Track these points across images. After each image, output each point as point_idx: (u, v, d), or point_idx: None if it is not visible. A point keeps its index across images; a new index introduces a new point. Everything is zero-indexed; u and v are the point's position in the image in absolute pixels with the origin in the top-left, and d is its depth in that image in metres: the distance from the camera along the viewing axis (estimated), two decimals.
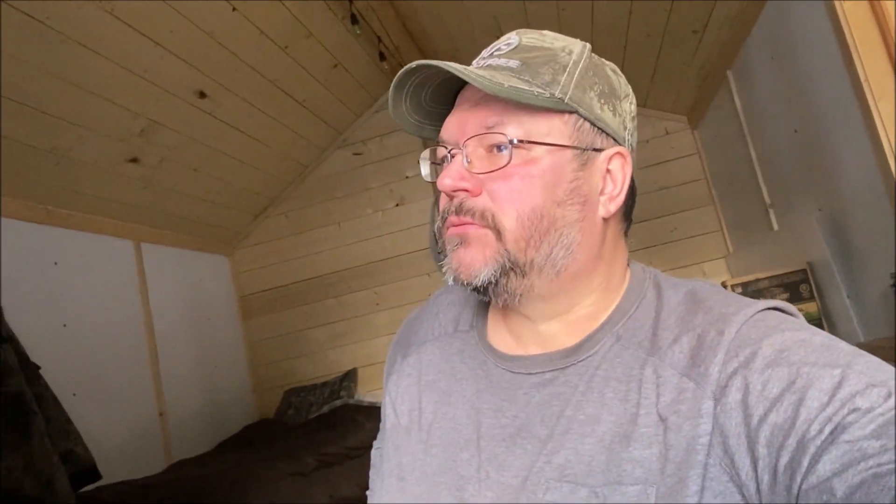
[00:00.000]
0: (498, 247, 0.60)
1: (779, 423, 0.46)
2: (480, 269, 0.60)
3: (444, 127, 0.65)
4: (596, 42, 0.67)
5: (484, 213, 0.60)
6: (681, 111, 3.50)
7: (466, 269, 0.60)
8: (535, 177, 0.59)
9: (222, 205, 3.56)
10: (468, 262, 0.60)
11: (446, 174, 0.61)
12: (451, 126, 0.63)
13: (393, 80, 0.62)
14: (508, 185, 0.59)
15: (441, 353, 0.73)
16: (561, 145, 0.61)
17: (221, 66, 2.61)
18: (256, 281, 4.00)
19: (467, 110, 0.62)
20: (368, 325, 3.83)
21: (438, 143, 0.66)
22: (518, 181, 0.59)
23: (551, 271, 0.61)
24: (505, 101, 0.59)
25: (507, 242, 0.59)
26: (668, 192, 3.51)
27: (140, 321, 3.02)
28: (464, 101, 0.64)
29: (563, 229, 0.60)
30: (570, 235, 0.61)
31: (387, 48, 3.16)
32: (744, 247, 3.15)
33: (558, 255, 0.60)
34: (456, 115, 0.64)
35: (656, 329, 0.59)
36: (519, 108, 0.60)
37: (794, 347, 0.50)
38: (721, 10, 2.36)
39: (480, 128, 0.61)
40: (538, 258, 0.60)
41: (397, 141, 3.87)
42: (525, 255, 0.60)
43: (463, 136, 0.62)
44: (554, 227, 0.60)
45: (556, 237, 0.60)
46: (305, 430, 3.14)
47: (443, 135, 0.65)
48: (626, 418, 0.55)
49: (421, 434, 0.68)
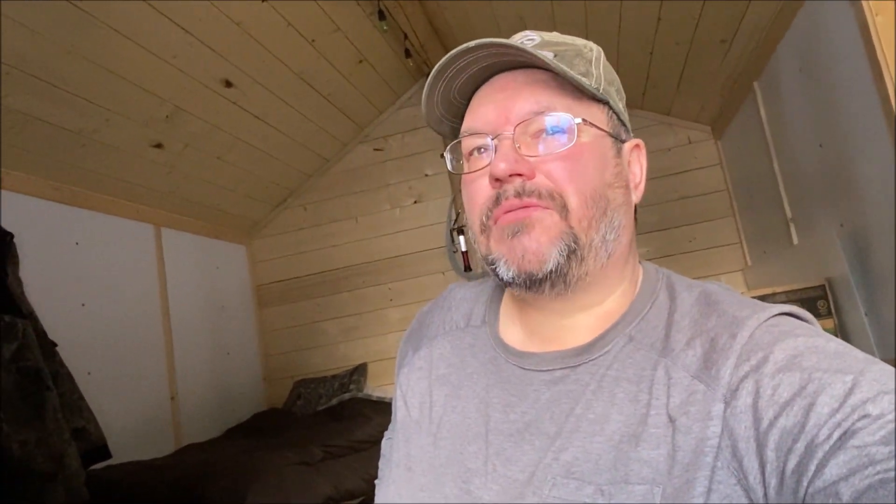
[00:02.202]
0: (563, 226, 0.59)
1: (788, 427, 0.46)
2: (548, 252, 0.58)
3: (475, 116, 0.64)
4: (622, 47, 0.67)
5: (551, 192, 0.59)
6: (705, 121, 3.47)
7: (534, 256, 0.58)
8: (590, 158, 0.61)
9: (243, 194, 3.59)
10: (535, 249, 0.58)
11: (501, 159, 0.59)
12: (489, 114, 0.62)
13: (441, 60, 0.61)
14: (568, 166, 0.59)
15: (452, 347, 0.74)
16: (607, 132, 0.63)
17: (248, 57, 2.64)
18: (272, 271, 4.03)
19: (508, 98, 0.61)
20: (381, 321, 3.84)
21: (465, 134, 0.64)
22: (575, 162, 0.60)
23: (603, 255, 0.61)
24: (551, 87, 0.61)
25: (572, 220, 0.59)
26: (689, 202, 3.49)
27: (157, 305, 3.06)
28: (497, 91, 0.63)
29: (614, 212, 0.62)
30: (618, 218, 0.62)
31: (412, 45, 3.17)
32: (762, 260, 3.12)
33: (610, 238, 0.61)
34: (491, 103, 0.62)
35: (669, 331, 0.59)
36: (565, 94, 0.61)
37: (807, 353, 0.50)
38: (751, 21, 2.34)
39: (530, 113, 0.60)
40: (596, 239, 0.60)
41: (419, 138, 3.88)
42: (587, 235, 0.59)
43: (506, 123, 0.60)
44: (609, 207, 0.61)
45: (609, 218, 0.61)
46: (313, 421, 3.16)
47: (476, 124, 0.63)
48: (636, 418, 0.55)
49: (431, 427, 0.68)
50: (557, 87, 0.61)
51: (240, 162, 3.27)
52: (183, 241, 3.35)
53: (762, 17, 2.29)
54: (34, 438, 1.76)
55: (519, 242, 0.59)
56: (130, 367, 2.79)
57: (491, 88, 0.64)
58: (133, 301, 2.90)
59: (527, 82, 0.62)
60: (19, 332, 1.92)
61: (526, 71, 0.63)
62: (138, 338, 2.89)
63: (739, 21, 2.37)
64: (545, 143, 0.60)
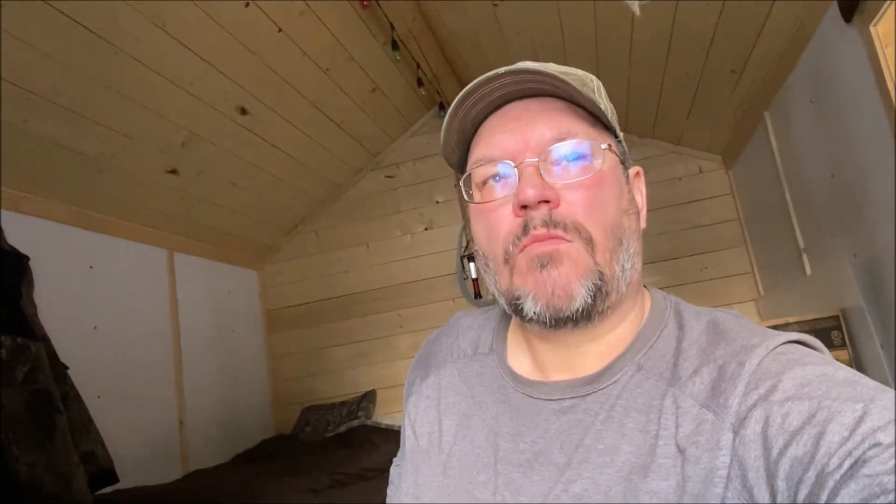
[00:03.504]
0: (589, 262, 0.57)
1: (798, 456, 0.45)
2: (577, 290, 0.57)
3: (491, 145, 0.62)
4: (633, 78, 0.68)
5: (576, 224, 0.58)
6: (716, 150, 3.48)
7: (563, 291, 0.57)
8: (609, 186, 0.61)
9: (255, 219, 3.63)
10: (564, 284, 0.57)
11: (528, 185, 0.57)
12: (507, 142, 0.61)
13: (468, 86, 0.60)
14: (591, 195, 0.59)
15: (460, 375, 0.73)
16: (621, 159, 0.64)
17: (264, 85, 2.68)
18: (283, 296, 4.04)
19: (525, 125, 0.61)
20: (390, 347, 3.83)
21: (481, 163, 0.62)
22: (598, 190, 0.59)
23: (623, 285, 0.60)
24: (567, 115, 0.61)
25: (597, 255, 0.58)
26: (700, 231, 3.48)
27: (167, 329, 3.07)
28: (511, 120, 0.62)
29: (629, 239, 0.61)
30: (633, 245, 0.62)
31: (425, 75, 3.22)
32: (775, 290, 3.10)
33: (627, 266, 0.61)
34: (508, 131, 0.61)
35: (677, 359, 0.58)
36: (582, 121, 0.62)
37: (816, 382, 0.49)
38: (761, 51, 2.36)
39: (551, 140, 0.59)
40: (617, 270, 0.59)
41: (430, 166, 3.91)
42: (610, 268, 0.58)
43: (526, 150, 0.59)
44: (624, 235, 0.61)
45: (625, 247, 0.61)
46: (321, 448, 3.14)
47: (493, 152, 0.61)
48: (645, 449, 0.54)
49: (440, 456, 0.68)
50: (573, 115, 0.62)
51: (253, 188, 3.31)
52: (195, 266, 3.38)
53: (772, 48, 2.31)
54: (42, 461, 1.76)
55: (548, 275, 0.57)
56: (140, 391, 2.79)
57: (503, 118, 0.63)
58: (144, 325, 2.91)
59: (542, 110, 0.61)
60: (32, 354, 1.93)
61: (539, 99, 0.63)
62: (148, 362, 2.89)
63: (749, 52, 2.39)
64: (568, 170, 0.59)
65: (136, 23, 2.03)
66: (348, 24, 2.71)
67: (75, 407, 2.04)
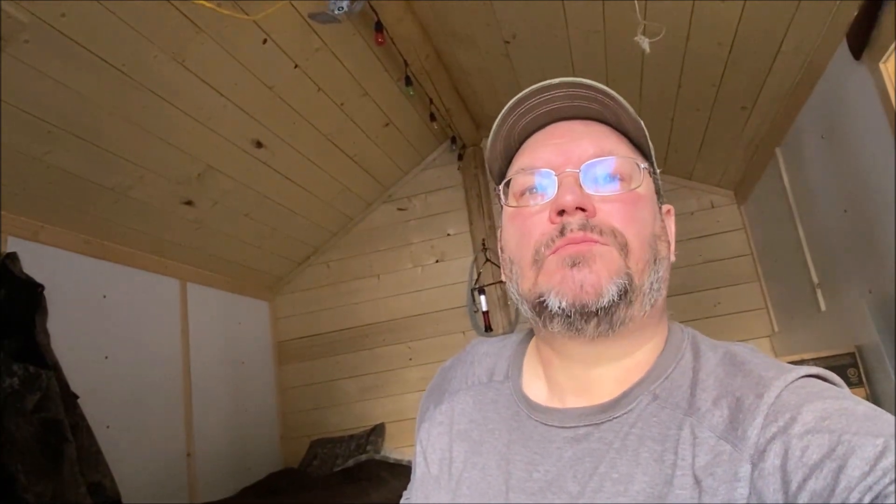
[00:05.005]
0: (621, 264, 0.58)
1: (818, 490, 0.45)
2: (607, 287, 0.57)
3: (534, 157, 0.64)
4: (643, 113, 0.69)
5: (613, 230, 0.59)
6: (727, 185, 3.48)
7: (592, 288, 0.57)
8: (645, 206, 0.62)
9: (268, 250, 3.65)
10: (593, 281, 0.57)
11: (567, 192, 0.59)
12: (549, 155, 0.63)
13: (520, 94, 0.63)
14: (628, 209, 0.61)
15: (474, 402, 0.73)
16: (657, 189, 0.66)
17: (279, 119, 2.73)
18: (293, 327, 4.04)
19: (569, 142, 0.63)
20: (400, 380, 3.80)
21: (524, 172, 0.65)
22: (633, 206, 0.61)
23: (648, 303, 0.61)
24: (610, 137, 0.64)
25: (630, 261, 0.59)
26: (713, 266, 3.46)
27: (178, 360, 3.07)
28: (556, 137, 0.64)
29: (660, 263, 0.63)
30: (663, 270, 0.63)
31: (437, 109, 3.26)
32: (790, 326, 3.06)
33: (656, 287, 0.62)
34: (552, 146, 0.64)
35: (694, 389, 0.58)
36: (623, 145, 0.64)
37: (836, 415, 0.49)
38: (771, 88, 2.38)
39: (593, 156, 0.62)
40: (646, 285, 0.60)
41: (441, 199, 3.94)
42: (640, 278, 0.60)
43: (568, 163, 0.61)
44: (657, 257, 0.62)
45: (656, 268, 0.62)
46: (329, 482, 3.10)
47: (536, 163, 0.63)
48: (661, 479, 0.53)
49: (451, 483, 0.67)
50: (616, 138, 0.64)
51: (266, 219, 3.34)
52: (207, 297, 3.39)
53: (783, 85, 2.33)
54: (50, 491, 1.75)
55: (578, 272, 0.57)
56: (149, 422, 2.78)
57: (547, 134, 0.66)
58: (155, 355, 2.92)
59: (587, 131, 0.64)
60: (43, 383, 1.94)
61: (584, 121, 0.65)
62: (158, 392, 2.89)
63: (760, 88, 2.41)
64: (605, 187, 0.61)
65: (158, 59, 2.08)
66: (363, 61, 2.77)
67: (85, 437, 2.04)
